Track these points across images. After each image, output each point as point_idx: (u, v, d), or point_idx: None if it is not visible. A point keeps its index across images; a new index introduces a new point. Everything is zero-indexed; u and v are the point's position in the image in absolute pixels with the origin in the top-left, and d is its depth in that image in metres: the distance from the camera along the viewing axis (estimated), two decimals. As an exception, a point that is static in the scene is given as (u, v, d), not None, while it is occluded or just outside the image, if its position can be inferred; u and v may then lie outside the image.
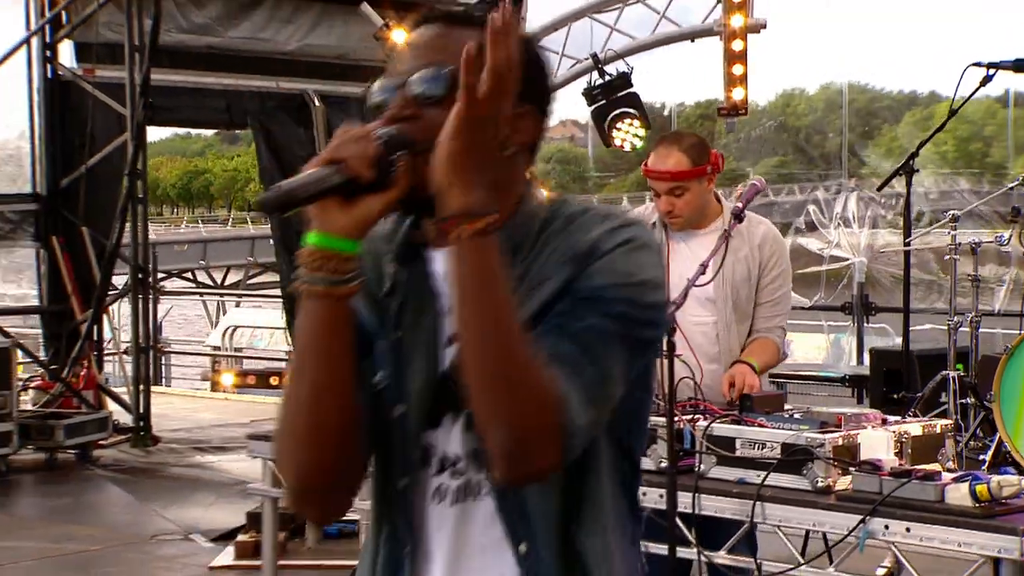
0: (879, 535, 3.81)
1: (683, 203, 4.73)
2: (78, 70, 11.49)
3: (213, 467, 10.60)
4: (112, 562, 7.80)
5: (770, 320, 4.77)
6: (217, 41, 12.21)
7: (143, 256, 11.36)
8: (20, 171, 11.79)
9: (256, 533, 7.83)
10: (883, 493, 3.81)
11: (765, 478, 4.00)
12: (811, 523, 4.00)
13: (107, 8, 11.06)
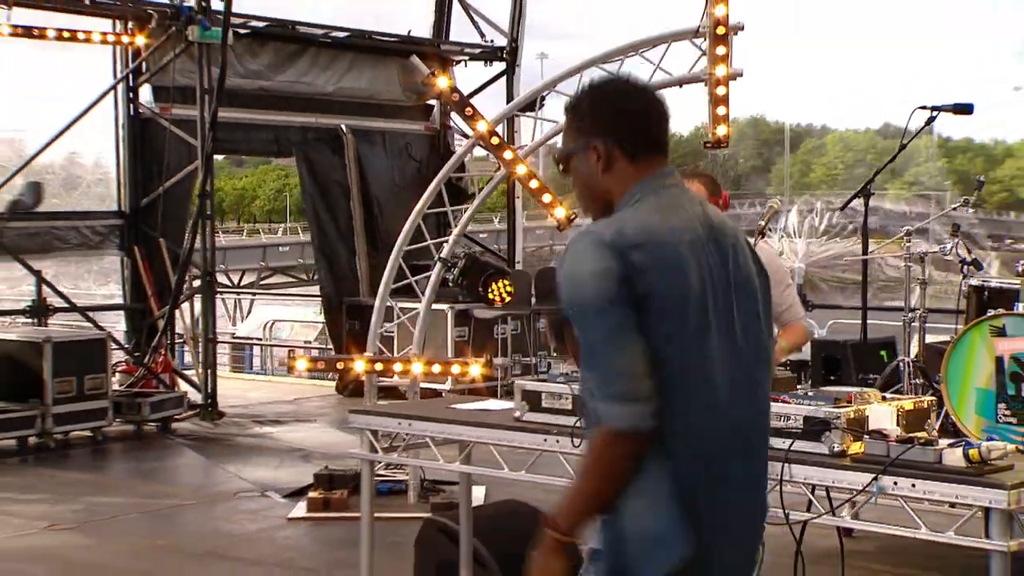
0: (888, 490, 3.85)
1: None
2: (156, 109, 11.39)
3: (272, 436, 10.56)
4: (205, 515, 7.77)
5: (795, 315, 4.84)
6: (268, 84, 12.21)
7: (211, 262, 11.29)
8: (108, 193, 11.73)
9: (323, 490, 7.85)
10: (890, 456, 3.87)
11: (791, 444, 4.04)
12: (831, 480, 4.00)
13: (180, 58, 11.00)
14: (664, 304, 2.52)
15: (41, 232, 11.10)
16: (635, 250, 2.50)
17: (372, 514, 5.36)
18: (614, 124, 2.66)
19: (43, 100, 10.99)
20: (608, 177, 2.66)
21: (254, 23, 11.77)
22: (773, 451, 4.05)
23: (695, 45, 7.40)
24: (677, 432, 2.52)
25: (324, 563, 6.74)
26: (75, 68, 11.26)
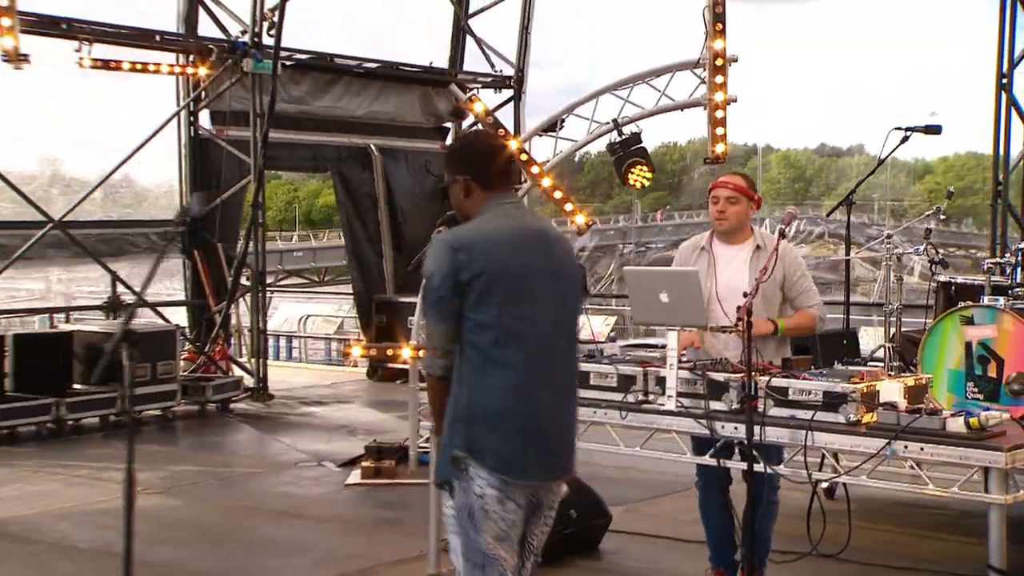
0: (900, 453, 3.96)
1: (733, 210, 4.86)
2: (213, 131, 11.41)
3: (317, 415, 10.61)
4: (272, 481, 7.82)
5: (808, 302, 4.85)
6: (308, 108, 12.21)
7: (262, 264, 11.32)
8: (172, 203, 11.72)
9: (373, 460, 7.91)
10: (900, 424, 3.98)
11: (814, 414, 4.14)
12: (849, 445, 4.11)
13: (235, 86, 11.04)
14: (487, 285, 3.18)
15: (115, 238, 11.12)
16: (462, 251, 3.20)
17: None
18: (473, 166, 3.37)
19: (117, 123, 10.99)
20: (469, 201, 3.38)
21: (298, 55, 11.78)
22: (798, 421, 4.18)
23: (695, 75, 7.51)
24: (507, 365, 3.20)
25: (381, 520, 6.83)
26: (142, 95, 11.26)
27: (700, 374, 4.44)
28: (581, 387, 4.79)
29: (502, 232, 3.27)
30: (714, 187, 4.92)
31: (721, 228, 4.89)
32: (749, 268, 4.84)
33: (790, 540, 5.05)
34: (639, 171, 7.56)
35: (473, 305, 3.17)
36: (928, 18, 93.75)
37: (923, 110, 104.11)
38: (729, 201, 4.84)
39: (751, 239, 4.93)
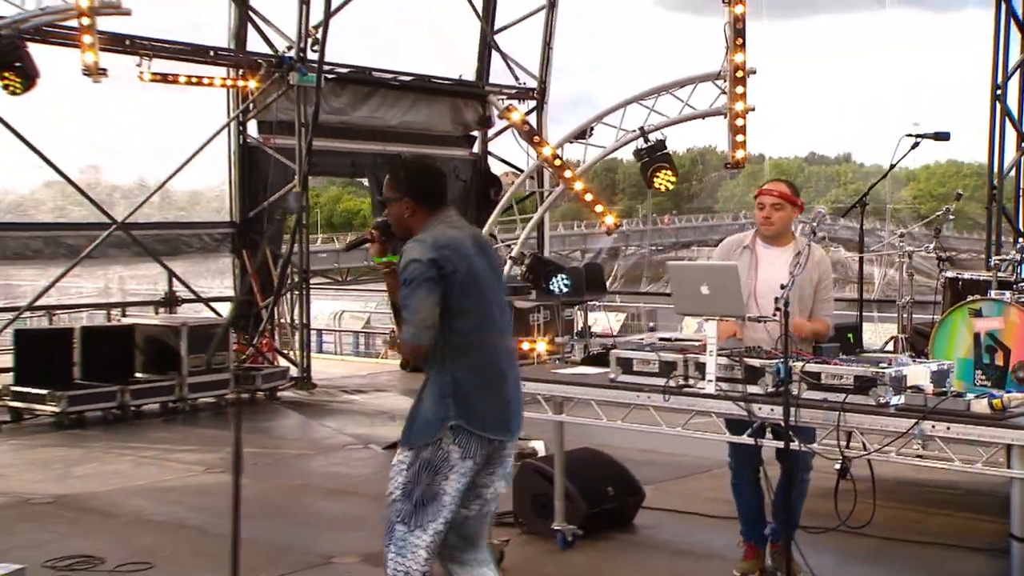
0: (927, 432, 4.00)
1: (778, 216, 4.88)
2: (260, 139, 11.49)
3: (358, 402, 10.66)
4: (324, 461, 7.88)
5: (824, 309, 4.89)
6: (346, 118, 12.28)
7: (306, 263, 11.39)
8: (222, 206, 11.79)
9: (416, 443, 7.98)
10: (928, 406, 4.03)
11: (846, 397, 4.18)
12: (879, 426, 4.14)
13: (280, 98, 11.12)
14: (463, 279, 3.57)
15: (171, 238, 11.21)
16: (443, 248, 3.57)
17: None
18: (415, 189, 3.72)
19: (171, 132, 11.08)
20: (412, 219, 3.71)
21: (339, 69, 11.84)
22: (830, 403, 4.23)
23: (716, 86, 7.55)
24: (484, 346, 3.65)
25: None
26: (193, 106, 11.35)
27: (738, 360, 4.49)
28: (625, 372, 4.90)
29: (463, 238, 3.68)
30: (760, 194, 4.94)
31: (767, 232, 4.92)
32: (789, 269, 4.88)
33: (808, 517, 5.08)
34: (664, 175, 7.62)
35: (454, 297, 3.55)
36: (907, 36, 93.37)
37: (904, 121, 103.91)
38: (774, 207, 4.87)
39: (793, 243, 4.95)
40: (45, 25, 7.14)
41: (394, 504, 3.65)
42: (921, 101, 38.79)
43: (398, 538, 3.62)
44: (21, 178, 10.68)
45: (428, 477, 3.58)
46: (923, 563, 5.33)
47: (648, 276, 25.02)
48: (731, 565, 5.15)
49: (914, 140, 6.32)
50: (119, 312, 11.61)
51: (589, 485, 5.82)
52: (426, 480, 3.58)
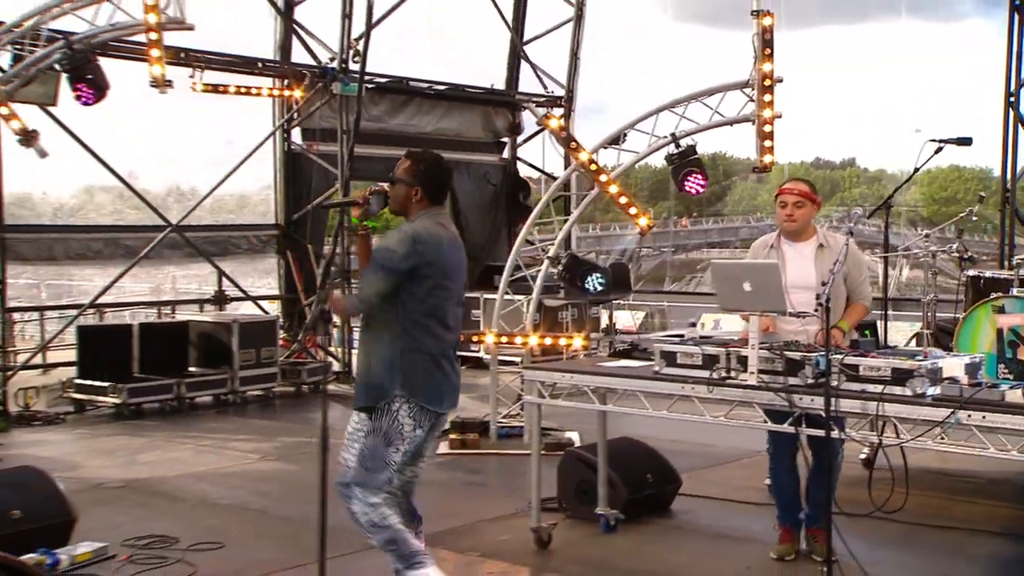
0: (963, 421, 4.03)
1: (800, 213, 4.96)
2: (304, 146, 11.60)
3: (398, 395, 10.74)
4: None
5: (861, 293, 4.96)
6: (384, 126, 12.37)
7: (347, 263, 11.48)
8: (268, 209, 11.92)
9: (458, 433, 8.05)
10: (963, 396, 4.07)
11: (884, 388, 4.21)
12: (916, 415, 4.17)
13: (323, 107, 11.23)
14: (437, 270, 4.02)
15: (221, 240, 11.33)
16: (420, 244, 3.98)
17: (540, 443, 5.48)
18: (429, 182, 4.11)
19: (221, 139, 11.24)
20: (414, 204, 4.10)
21: (378, 79, 11.95)
22: (869, 394, 4.26)
23: (745, 94, 7.57)
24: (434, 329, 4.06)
25: (472, 484, 6.98)
26: (241, 115, 11.49)
27: (778, 353, 4.55)
28: (669, 365, 4.95)
29: (442, 236, 4.08)
30: (781, 192, 5.01)
31: (789, 229, 4.99)
32: (814, 264, 4.95)
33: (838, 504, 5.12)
34: (694, 179, 7.64)
35: (418, 284, 3.97)
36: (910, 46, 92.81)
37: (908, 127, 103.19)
38: (796, 205, 4.95)
39: (815, 237, 5.03)
40: (111, 40, 7.24)
41: (348, 469, 4.10)
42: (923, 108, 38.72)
43: (358, 497, 4.06)
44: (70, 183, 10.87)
45: (383, 445, 4.01)
46: (949, 547, 5.38)
47: (671, 276, 25.05)
48: (767, 548, 5.22)
49: (938, 145, 6.34)
50: (169, 309, 11.78)
51: (630, 472, 5.90)
52: (381, 448, 4.01)
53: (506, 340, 7.94)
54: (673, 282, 24.60)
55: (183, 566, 5.05)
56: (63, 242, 9.81)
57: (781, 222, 5.04)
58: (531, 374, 5.39)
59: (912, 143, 78.22)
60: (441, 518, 5.98)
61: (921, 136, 6.86)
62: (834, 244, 4.97)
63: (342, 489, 4.11)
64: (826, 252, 4.95)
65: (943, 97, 79.75)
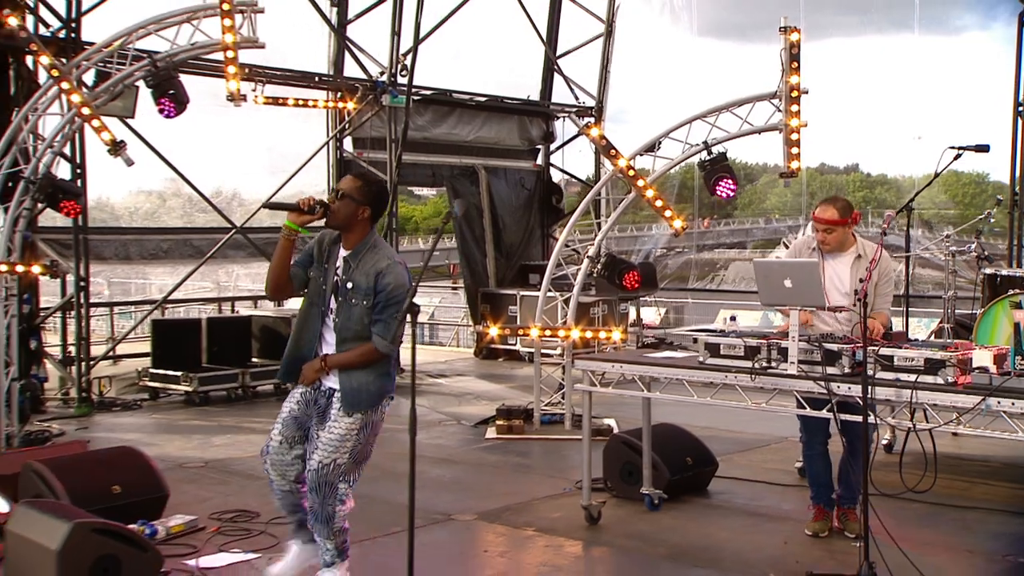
0: (993, 407, 4.08)
1: (832, 237, 5.04)
2: (355, 154, 11.73)
3: (444, 385, 10.84)
4: (425, 435, 7.98)
5: (884, 304, 4.99)
6: (428, 135, 12.46)
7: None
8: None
9: (504, 420, 8.14)
10: (993, 384, 4.13)
11: (918, 376, 4.28)
12: (949, 402, 4.23)
13: (372, 118, 11.36)
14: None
15: (278, 240, 11.47)
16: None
17: (590, 429, 5.56)
18: (377, 204, 4.07)
19: (277, 148, 11.39)
20: (360, 222, 4.03)
21: (424, 92, 12.07)
22: (903, 383, 4.32)
23: (773, 105, 7.61)
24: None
25: (520, 466, 7.06)
26: (294, 125, 11.65)
27: (817, 345, 4.62)
28: (713, 356, 5.03)
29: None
30: (814, 219, 5.10)
31: (825, 251, 5.08)
32: (850, 271, 5.04)
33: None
34: (725, 184, 7.70)
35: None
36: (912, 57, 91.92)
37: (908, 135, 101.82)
38: (826, 231, 5.03)
39: (854, 247, 5.09)
40: (189, 59, 7.40)
41: (339, 467, 4.03)
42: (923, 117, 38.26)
43: (341, 494, 4.06)
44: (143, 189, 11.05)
45: (370, 439, 4.09)
46: (971, 525, 5.43)
47: (695, 274, 25.08)
48: (801, 525, 5.29)
49: (957, 152, 6.36)
50: (228, 305, 11.97)
51: (671, 455, 5.99)
52: (367, 442, 4.07)
53: (549, 333, 8.01)
54: (697, 280, 24.63)
55: (266, 537, 5.19)
56: (138, 243, 10.00)
57: (819, 243, 5.10)
58: (582, 364, 5.49)
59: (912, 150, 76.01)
60: (497, 497, 6.11)
61: (922, 143, 6.89)
62: (870, 253, 5.01)
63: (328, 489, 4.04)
64: (862, 261, 5.02)
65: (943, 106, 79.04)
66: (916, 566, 4.32)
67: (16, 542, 4.24)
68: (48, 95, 7.27)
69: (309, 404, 4.13)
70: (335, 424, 4.02)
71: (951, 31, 28.37)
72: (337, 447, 4.01)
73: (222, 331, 9.95)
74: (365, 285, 3.98)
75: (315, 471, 4.02)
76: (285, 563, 4.26)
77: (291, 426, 4.12)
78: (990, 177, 39.30)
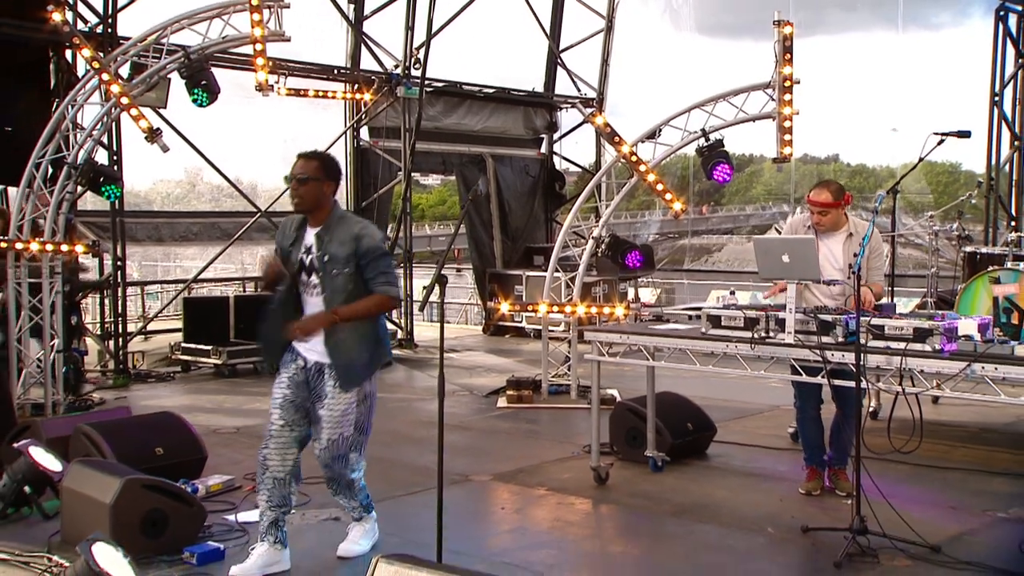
0: (978, 372, 4.12)
1: (827, 219, 5.06)
2: (370, 143, 11.74)
3: (455, 359, 10.84)
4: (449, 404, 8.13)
5: (876, 276, 5.04)
6: (439, 124, 12.44)
7: (410, 245, 11.66)
8: (340, 198, 11.92)
9: (514, 390, 8.18)
10: (977, 351, 4.17)
11: (908, 344, 4.31)
12: (935, 368, 4.25)
13: (387, 109, 11.36)
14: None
15: (301, 224, 11.51)
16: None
17: (599, 396, 5.61)
18: (336, 177, 4.06)
19: (298, 138, 11.40)
20: (326, 198, 4.00)
21: (436, 83, 12.05)
22: (893, 350, 4.36)
23: (767, 94, 7.63)
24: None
25: (530, 432, 7.12)
26: (313, 116, 11.64)
27: (812, 316, 4.66)
28: (714, 327, 5.07)
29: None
30: (808, 201, 5.13)
31: (820, 231, 5.11)
32: (843, 248, 5.07)
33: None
34: (722, 169, 7.72)
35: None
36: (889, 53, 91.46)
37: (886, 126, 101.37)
38: (820, 213, 5.06)
39: (846, 226, 5.13)
40: (219, 51, 7.41)
41: (346, 440, 3.97)
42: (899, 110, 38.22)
43: (353, 463, 4.04)
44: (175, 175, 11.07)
45: (370, 408, 4.03)
46: (954, 484, 5.50)
47: (690, 257, 25.21)
48: (795, 485, 5.35)
49: (940, 138, 6.36)
50: (251, 284, 11.99)
51: (673, 421, 6.04)
52: (368, 411, 4.01)
53: (557, 309, 8.05)
54: (692, 261, 24.74)
55: (299, 496, 5.23)
56: (169, 226, 10.03)
57: (813, 223, 5.13)
58: (592, 335, 5.53)
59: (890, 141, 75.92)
60: (510, 460, 6.17)
61: (897, 135, 6.90)
62: (861, 231, 5.06)
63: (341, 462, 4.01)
64: (854, 239, 5.06)
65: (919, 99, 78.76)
66: (904, 519, 4.38)
67: (71, 497, 4.30)
68: (87, 87, 7.29)
69: (300, 386, 3.98)
70: (334, 402, 3.93)
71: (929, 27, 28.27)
72: (340, 422, 3.94)
73: (248, 309, 9.99)
74: (344, 253, 3.89)
75: (325, 448, 3.97)
76: (250, 563, 4.01)
77: (290, 410, 3.98)
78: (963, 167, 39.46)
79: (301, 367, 3.98)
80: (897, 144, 15.19)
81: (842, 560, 4.14)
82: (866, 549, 4.22)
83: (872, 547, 4.24)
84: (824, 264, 4.98)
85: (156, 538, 4.19)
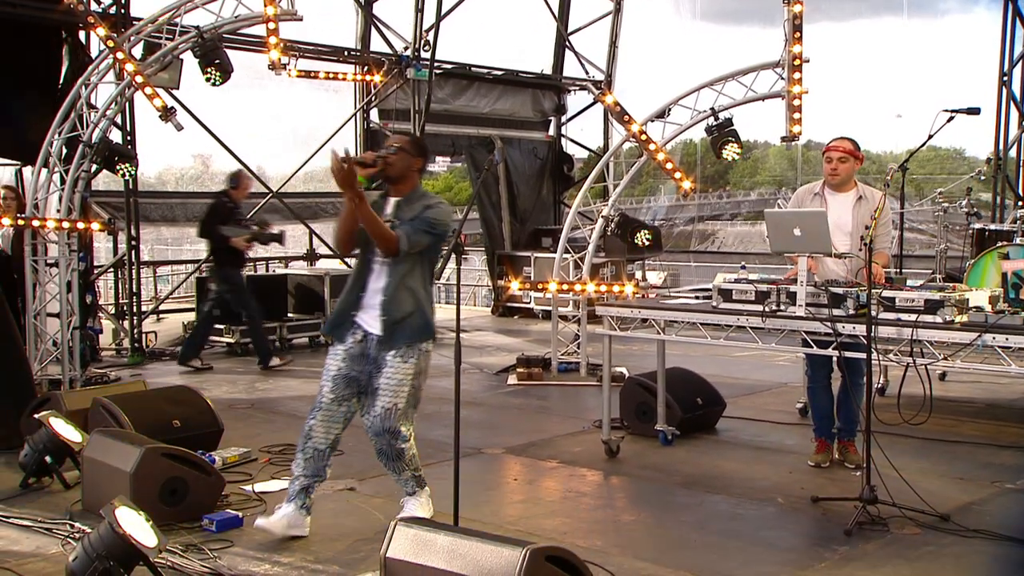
0: (989, 342, 4.11)
1: (843, 167, 5.02)
2: (380, 125, 11.71)
3: (465, 339, 10.76)
4: (450, 381, 8.10)
5: (884, 244, 4.99)
6: (448, 106, 12.37)
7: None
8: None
9: (524, 367, 8.20)
10: (988, 322, 4.16)
11: (919, 316, 4.31)
12: (947, 339, 4.24)
13: (397, 91, 11.32)
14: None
15: (312, 205, 11.51)
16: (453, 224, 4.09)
17: (610, 370, 5.61)
18: (426, 157, 4.15)
19: (309, 119, 11.37)
20: (414, 173, 4.08)
21: (445, 66, 12.00)
22: (904, 322, 4.35)
23: (776, 73, 7.57)
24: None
25: (541, 408, 7.14)
26: (323, 98, 11.61)
27: (823, 288, 4.65)
28: (725, 301, 5.07)
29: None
30: (828, 149, 5.08)
31: (833, 181, 5.06)
32: (852, 212, 5.03)
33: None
34: (730, 147, 7.69)
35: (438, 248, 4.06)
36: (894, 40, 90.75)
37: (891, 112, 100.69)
38: (840, 160, 5.01)
39: (855, 189, 5.10)
40: (231, 31, 7.39)
41: (399, 411, 4.00)
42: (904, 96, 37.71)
43: (404, 435, 4.05)
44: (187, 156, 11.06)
45: (422, 384, 4.09)
46: (961, 457, 5.50)
47: (696, 240, 25.28)
48: (804, 458, 5.36)
49: (949, 115, 6.31)
50: (262, 264, 12.00)
51: (682, 396, 6.05)
52: (419, 387, 4.08)
53: (567, 288, 8.05)
54: (699, 243, 24.82)
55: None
56: (183, 206, 10.03)
57: (827, 175, 5.11)
58: (604, 310, 5.52)
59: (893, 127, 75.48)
60: (522, 434, 6.19)
61: (901, 121, 6.85)
62: (871, 197, 5.05)
63: (391, 432, 4.02)
64: (864, 203, 5.03)
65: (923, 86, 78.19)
66: (914, 489, 4.38)
67: (92, 466, 4.33)
68: (101, 67, 7.28)
69: (356, 359, 4.03)
70: (392, 370, 3.99)
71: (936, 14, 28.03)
72: (396, 391, 4.00)
73: (261, 288, 9.96)
74: (411, 216, 3.98)
75: (379, 416, 3.99)
76: (276, 519, 4.06)
77: (341, 384, 4.02)
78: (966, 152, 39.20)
79: (359, 339, 4.05)
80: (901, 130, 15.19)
81: (852, 528, 4.15)
82: (876, 518, 4.23)
83: (882, 516, 4.24)
84: (833, 229, 4.92)
85: (175, 506, 4.22)
